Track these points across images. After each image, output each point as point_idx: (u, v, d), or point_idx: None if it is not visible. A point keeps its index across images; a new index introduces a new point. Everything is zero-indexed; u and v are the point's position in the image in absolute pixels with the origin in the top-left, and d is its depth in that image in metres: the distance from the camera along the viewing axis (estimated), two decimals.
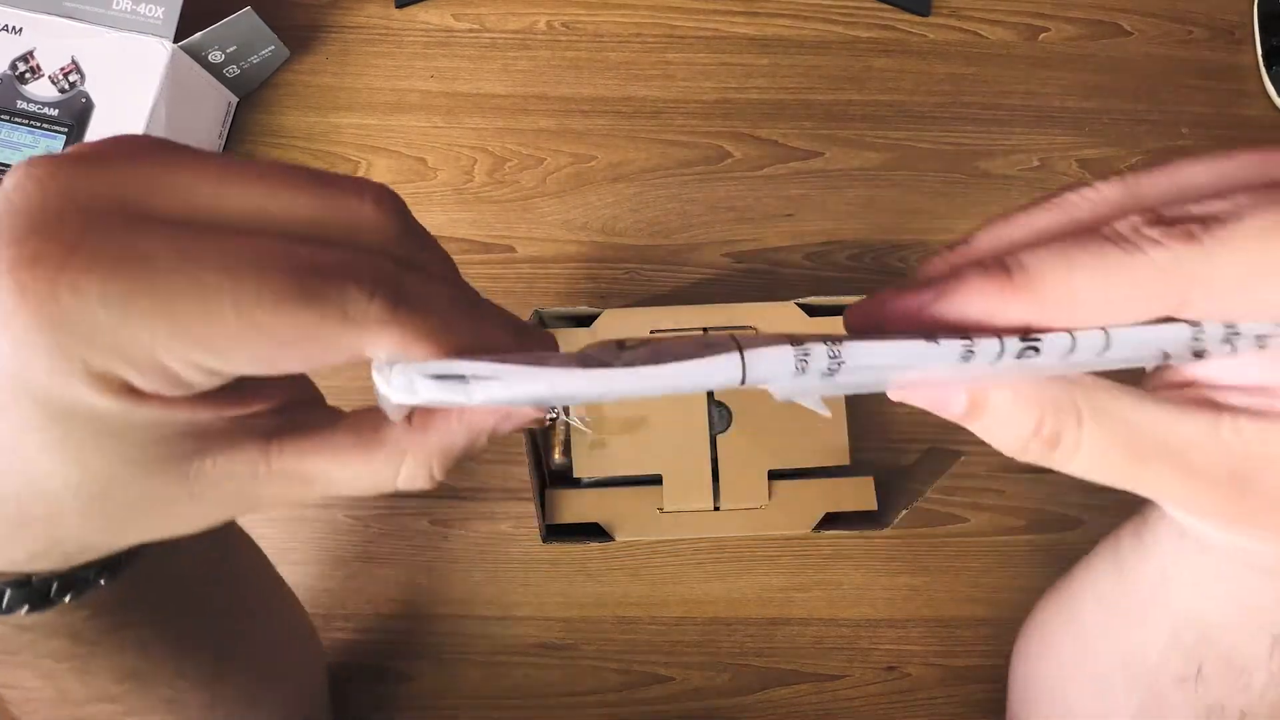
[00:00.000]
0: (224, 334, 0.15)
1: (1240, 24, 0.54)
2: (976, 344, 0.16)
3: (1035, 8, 0.54)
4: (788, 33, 0.53)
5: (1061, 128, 0.52)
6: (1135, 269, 0.15)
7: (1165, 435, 0.17)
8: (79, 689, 0.25)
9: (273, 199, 0.16)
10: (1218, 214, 0.15)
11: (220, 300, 0.14)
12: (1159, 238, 0.15)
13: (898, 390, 0.18)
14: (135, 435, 0.16)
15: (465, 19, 0.52)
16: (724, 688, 0.46)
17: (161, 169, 0.16)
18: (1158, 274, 0.15)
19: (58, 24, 0.43)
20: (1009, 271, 0.16)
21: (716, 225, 0.51)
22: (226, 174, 0.16)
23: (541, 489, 0.42)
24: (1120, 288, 0.15)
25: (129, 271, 0.14)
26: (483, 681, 0.46)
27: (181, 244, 0.15)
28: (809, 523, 0.42)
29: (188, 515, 0.19)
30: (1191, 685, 0.30)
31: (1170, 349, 0.16)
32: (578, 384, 0.16)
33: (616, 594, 0.47)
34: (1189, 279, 0.15)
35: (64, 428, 0.16)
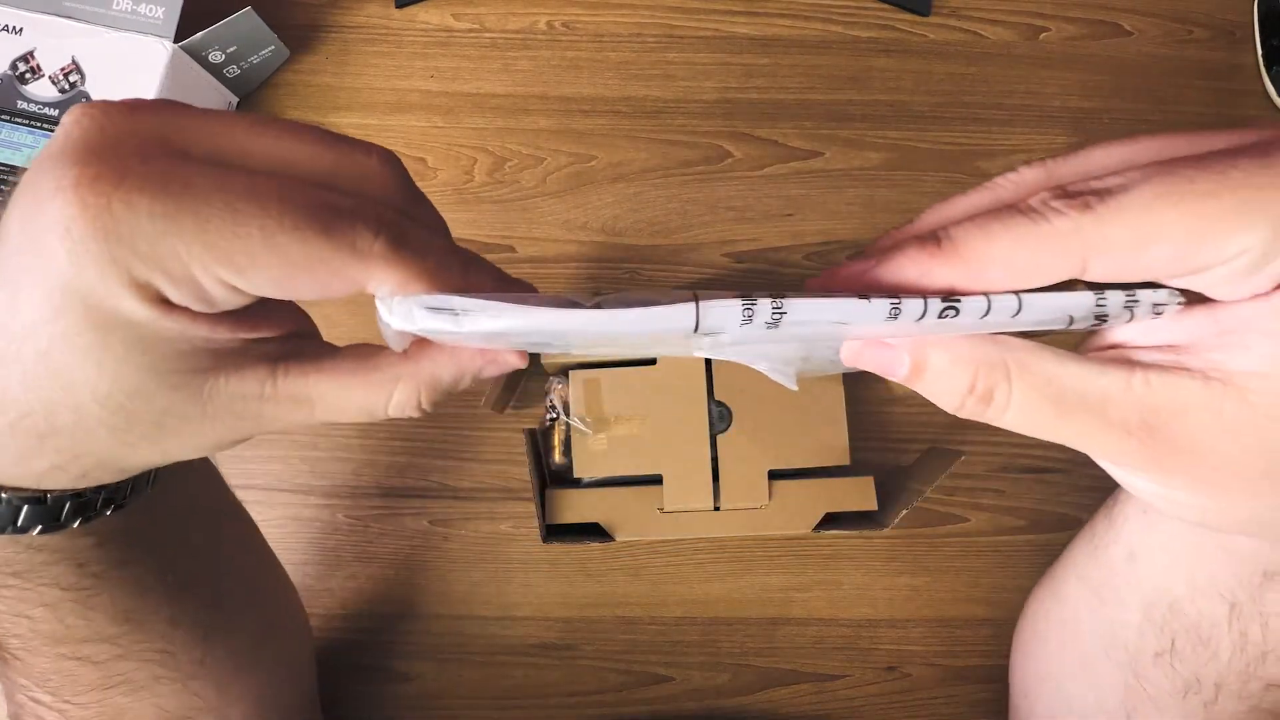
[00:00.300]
0: (249, 254, 0.17)
1: (1240, 24, 0.54)
2: (903, 303, 0.18)
3: (1035, 8, 0.54)
4: (788, 33, 0.53)
5: (1061, 128, 0.52)
6: (1040, 236, 0.18)
7: (1086, 389, 0.19)
8: (80, 625, 0.26)
9: (294, 150, 0.19)
10: (1111, 188, 0.18)
11: (249, 224, 0.17)
12: (1061, 208, 0.18)
13: (849, 355, 0.21)
14: (162, 348, 0.18)
15: (465, 19, 0.52)
16: (724, 688, 0.46)
17: (200, 119, 0.18)
18: (1059, 239, 0.18)
19: (58, 24, 0.43)
20: (938, 241, 0.19)
21: (716, 225, 0.51)
22: (254, 127, 0.19)
23: (542, 489, 0.42)
24: (1028, 252, 0.18)
25: (174, 193, 0.17)
26: (482, 681, 0.46)
27: (218, 176, 0.17)
28: (809, 523, 0.42)
29: (201, 433, 0.21)
30: (1167, 660, 0.31)
31: (1076, 314, 0.19)
32: (555, 319, 0.19)
33: (616, 594, 0.47)
34: (1086, 243, 0.17)
35: (103, 336, 0.18)
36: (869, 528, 0.43)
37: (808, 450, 0.42)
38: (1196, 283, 0.18)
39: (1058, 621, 0.38)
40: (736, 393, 0.43)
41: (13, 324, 0.18)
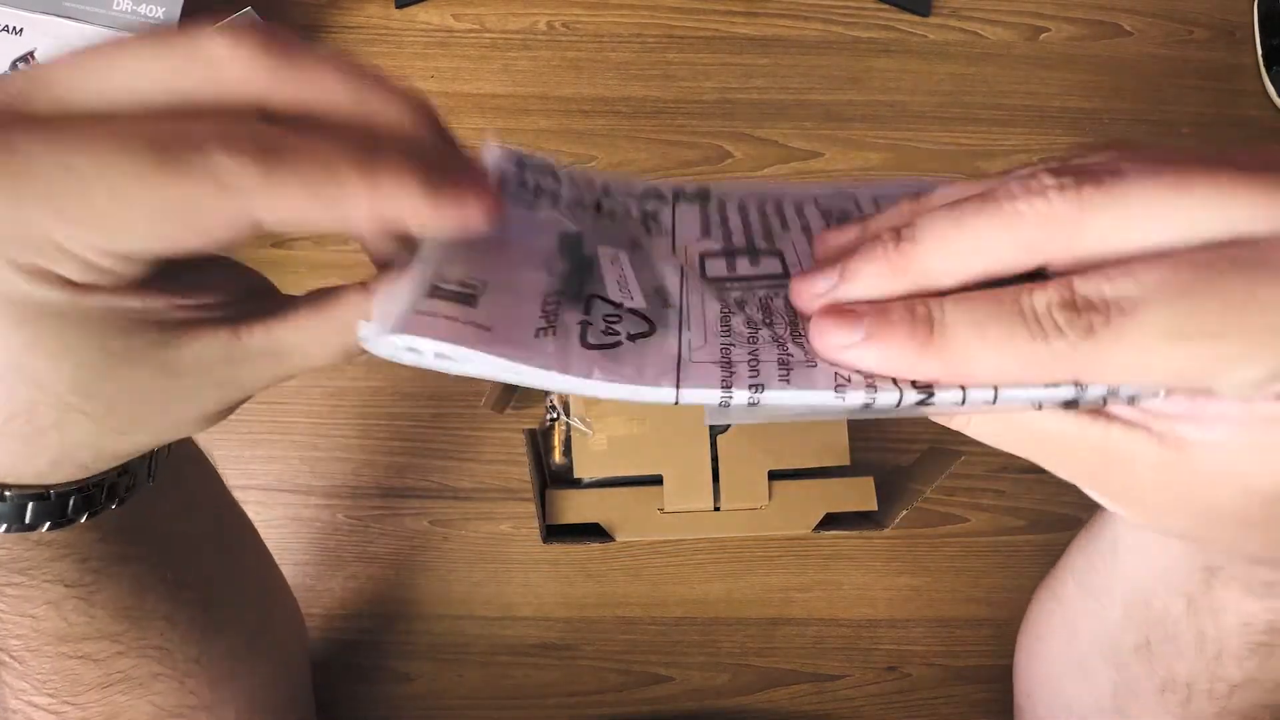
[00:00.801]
0: (104, 213, 0.15)
1: (1240, 24, 0.54)
2: (878, 397, 0.18)
3: (1035, 8, 0.54)
4: (788, 33, 0.53)
5: (1061, 128, 0.52)
6: (1036, 353, 0.17)
7: (1036, 427, 0.20)
8: (82, 622, 0.26)
9: (140, 76, 0.17)
10: (1123, 302, 0.17)
11: (89, 181, 0.15)
12: (1063, 326, 0.17)
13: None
14: (99, 326, 0.17)
15: (465, 19, 0.52)
16: (724, 688, 0.46)
17: (43, 72, 0.17)
18: (1055, 360, 0.17)
19: (58, 24, 0.43)
20: (929, 330, 0.18)
21: None
22: (96, 61, 0.17)
23: (542, 489, 0.42)
24: (1020, 365, 0.18)
25: (7, 166, 0.15)
26: (482, 681, 0.46)
27: (50, 135, 0.15)
28: (809, 523, 0.42)
29: (184, 407, 0.20)
30: (1146, 657, 0.31)
31: (1046, 402, 0.19)
32: (540, 379, 0.18)
33: (617, 594, 0.47)
34: (1082, 366, 0.17)
35: (33, 325, 0.17)
36: (869, 528, 0.43)
37: (808, 450, 0.42)
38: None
39: (1059, 622, 0.38)
40: None
41: None
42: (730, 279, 0.23)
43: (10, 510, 0.22)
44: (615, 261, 0.23)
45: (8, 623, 0.26)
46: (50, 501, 0.22)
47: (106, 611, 0.27)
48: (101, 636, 0.27)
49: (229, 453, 0.48)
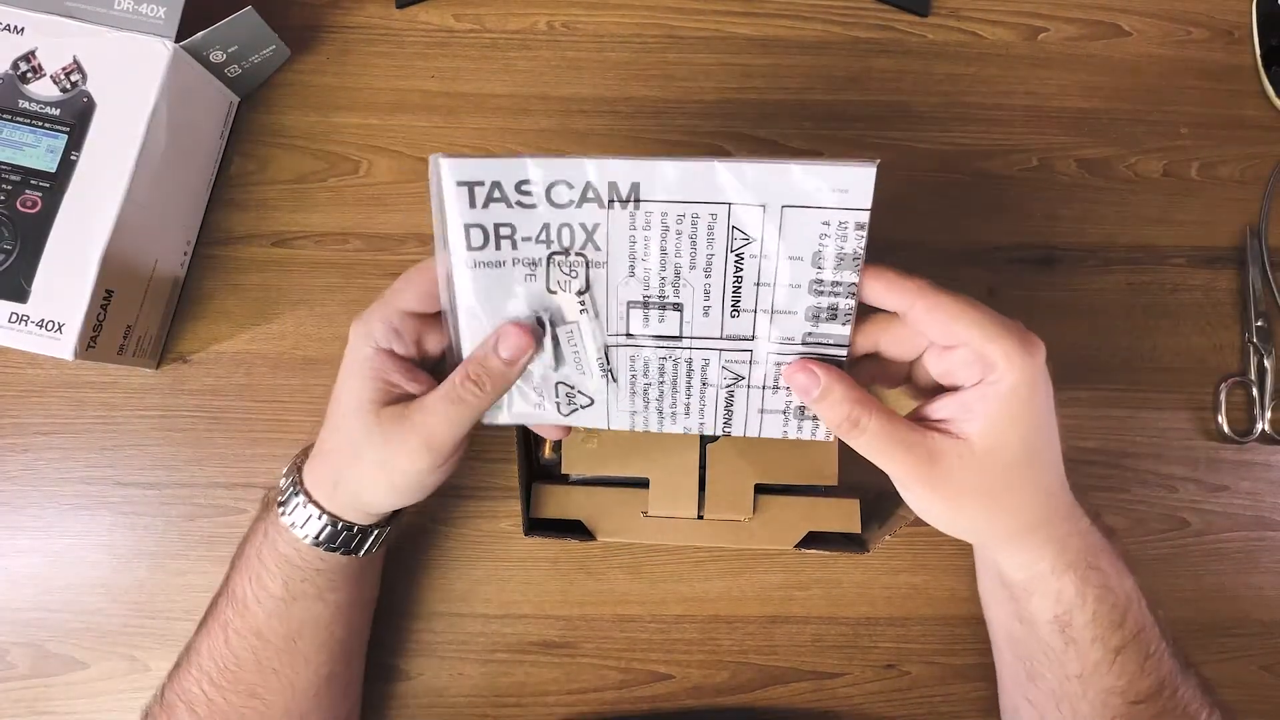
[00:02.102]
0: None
1: (1239, 24, 0.54)
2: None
3: (1035, 8, 0.54)
4: (788, 33, 0.53)
5: (1061, 128, 0.52)
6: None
7: (905, 435, 0.31)
8: (286, 615, 0.38)
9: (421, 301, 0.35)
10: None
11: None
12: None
13: (786, 372, 0.33)
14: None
15: (465, 19, 0.53)
16: (723, 686, 0.46)
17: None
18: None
19: (59, 23, 0.43)
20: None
21: None
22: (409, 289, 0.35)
23: (528, 482, 0.42)
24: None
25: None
26: (482, 680, 0.46)
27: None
28: (791, 539, 0.42)
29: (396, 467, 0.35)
30: (1034, 680, 0.38)
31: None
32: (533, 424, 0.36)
33: (616, 592, 0.47)
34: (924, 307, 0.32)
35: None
36: (852, 549, 0.43)
37: (796, 468, 0.42)
38: (951, 375, 0.32)
39: (1003, 688, 0.44)
40: None
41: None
42: (644, 337, 0.33)
43: (328, 534, 0.36)
44: (570, 346, 0.33)
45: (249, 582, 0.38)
46: (350, 533, 0.37)
47: (306, 621, 0.38)
48: (286, 636, 0.38)
49: (229, 452, 0.48)
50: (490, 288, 0.32)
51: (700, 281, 0.32)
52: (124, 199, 0.42)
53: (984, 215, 0.51)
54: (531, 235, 0.31)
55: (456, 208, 0.31)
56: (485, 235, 0.31)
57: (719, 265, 0.31)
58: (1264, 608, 0.48)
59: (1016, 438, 0.31)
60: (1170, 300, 0.51)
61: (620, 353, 0.33)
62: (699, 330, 0.33)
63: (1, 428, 0.48)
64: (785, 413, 0.34)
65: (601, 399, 0.34)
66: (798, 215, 0.30)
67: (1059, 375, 0.49)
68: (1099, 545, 0.35)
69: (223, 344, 0.49)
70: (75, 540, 0.47)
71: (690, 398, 0.34)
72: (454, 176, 0.30)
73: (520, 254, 0.32)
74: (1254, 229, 0.51)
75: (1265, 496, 0.49)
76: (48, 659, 0.46)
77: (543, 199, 0.31)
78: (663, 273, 0.32)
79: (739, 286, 0.32)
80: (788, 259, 0.31)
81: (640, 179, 0.30)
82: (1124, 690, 0.35)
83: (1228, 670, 0.47)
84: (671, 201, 0.31)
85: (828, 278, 0.31)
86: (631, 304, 0.32)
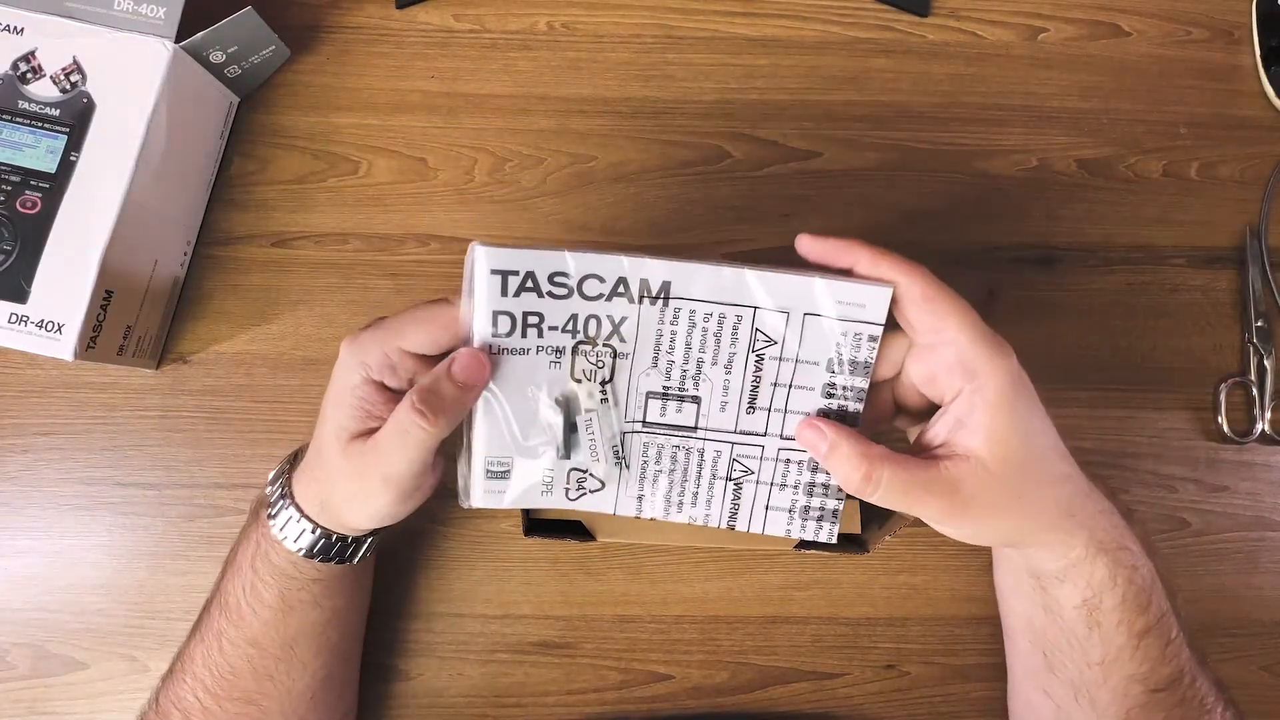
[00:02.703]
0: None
1: (1239, 24, 0.54)
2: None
3: (1034, 8, 0.54)
4: (787, 33, 0.53)
5: (1060, 128, 0.52)
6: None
7: (921, 476, 0.31)
8: (281, 624, 0.37)
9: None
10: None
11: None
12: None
13: (796, 429, 0.34)
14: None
15: (465, 19, 0.53)
16: (723, 686, 0.46)
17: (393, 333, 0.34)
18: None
19: (59, 24, 0.44)
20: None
21: (716, 225, 0.51)
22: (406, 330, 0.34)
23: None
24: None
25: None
26: (482, 680, 0.46)
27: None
28: (790, 540, 0.42)
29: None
30: (1051, 670, 0.38)
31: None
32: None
33: (616, 592, 0.47)
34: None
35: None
36: (851, 550, 0.43)
37: None
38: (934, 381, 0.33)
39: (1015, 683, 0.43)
40: None
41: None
42: (659, 425, 0.34)
43: (322, 546, 0.36)
44: (587, 432, 0.34)
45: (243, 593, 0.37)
46: (343, 544, 0.37)
47: (300, 629, 0.38)
48: (281, 645, 0.38)
49: (229, 452, 0.48)
50: (511, 374, 0.33)
51: (720, 377, 0.33)
52: (124, 199, 0.42)
53: (984, 215, 0.51)
54: (559, 325, 0.32)
55: (487, 295, 0.31)
56: (513, 323, 0.32)
57: (739, 363, 0.33)
58: (1264, 608, 0.48)
59: (1019, 439, 0.32)
60: (1170, 300, 0.51)
61: (634, 440, 0.34)
62: (714, 424, 0.34)
63: (1, 428, 0.48)
64: (790, 510, 0.35)
65: (612, 484, 0.35)
66: (818, 324, 0.33)
67: (1059, 375, 0.49)
68: (1122, 526, 0.35)
69: (222, 344, 0.49)
70: (75, 541, 0.47)
71: (699, 488, 0.35)
72: (489, 265, 0.31)
73: (545, 342, 0.32)
74: (1254, 229, 0.51)
75: (1265, 497, 0.49)
76: (47, 659, 0.46)
77: (575, 291, 0.32)
78: (685, 366, 0.33)
79: (757, 385, 0.33)
80: (806, 363, 0.33)
81: (673, 279, 0.32)
82: (1145, 677, 0.35)
83: (1228, 670, 0.47)
84: (701, 301, 0.32)
85: (840, 382, 0.33)
86: (651, 394, 0.34)
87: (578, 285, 0.32)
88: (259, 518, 0.38)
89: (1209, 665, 0.37)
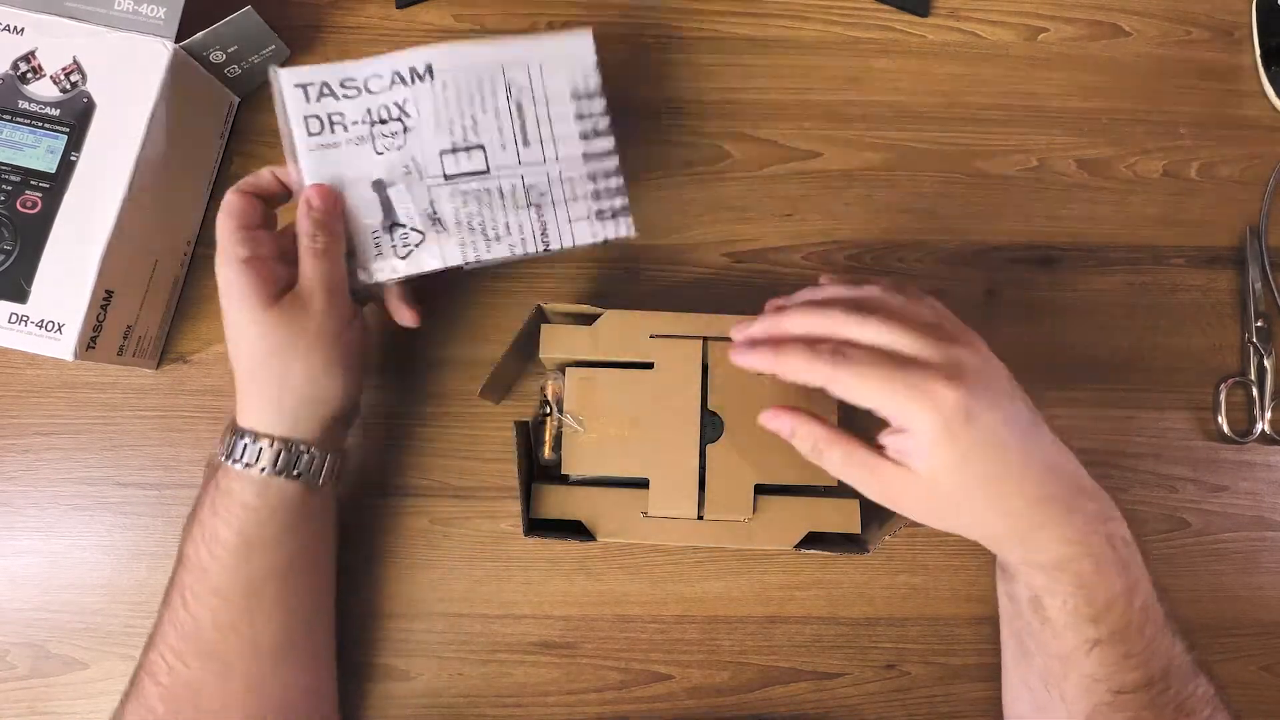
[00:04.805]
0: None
1: (1239, 24, 0.54)
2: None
3: (1034, 8, 0.54)
4: (787, 33, 0.53)
5: (1060, 128, 0.52)
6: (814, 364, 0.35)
7: (868, 462, 0.35)
8: (244, 567, 0.38)
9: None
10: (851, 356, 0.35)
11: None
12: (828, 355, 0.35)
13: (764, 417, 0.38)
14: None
15: (465, 20, 0.53)
16: (723, 686, 0.46)
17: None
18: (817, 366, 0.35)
19: (59, 24, 0.44)
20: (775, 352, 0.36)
21: (716, 225, 0.51)
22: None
23: (528, 483, 0.42)
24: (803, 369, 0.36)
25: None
26: (482, 680, 0.46)
27: None
28: (791, 540, 0.42)
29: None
30: (1028, 659, 0.39)
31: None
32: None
33: (616, 592, 0.47)
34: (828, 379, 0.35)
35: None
36: (852, 550, 0.43)
37: (797, 467, 0.41)
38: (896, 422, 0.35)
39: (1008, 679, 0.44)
40: (730, 404, 0.43)
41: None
42: (456, 175, 0.41)
43: (283, 459, 0.38)
44: (400, 199, 0.41)
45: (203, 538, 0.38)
46: (307, 455, 0.39)
47: (262, 566, 0.38)
48: (243, 594, 0.38)
49: None
50: (330, 164, 0.40)
51: (493, 124, 0.41)
52: (124, 199, 0.42)
53: (984, 215, 0.51)
54: (358, 119, 0.41)
55: (294, 105, 0.40)
56: (320, 123, 0.40)
57: (504, 110, 0.41)
58: (1264, 608, 0.48)
59: (951, 476, 0.34)
60: (1170, 300, 0.51)
61: (441, 193, 0.41)
62: (501, 161, 0.41)
63: (1, 428, 0.48)
64: (589, 219, 0.42)
65: (433, 237, 0.41)
66: (553, 69, 0.42)
67: (1059, 375, 0.50)
68: (1083, 553, 0.35)
69: (222, 344, 0.48)
70: (75, 541, 0.47)
71: (508, 218, 0.42)
72: (291, 80, 0.40)
73: (350, 135, 0.41)
74: (1254, 229, 0.51)
75: (1265, 496, 0.49)
76: (48, 659, 0.46)
77: (363, 89, 0.40)
78: (463, 121, 0.41)
79: (524, 124, 0.41)
80: (554, 100, 0.42)
81: (434, 60, 0.40)
82: (1105, 679, 0.36)
83: (1228, 670, 0.47)
84: (460, 69, 0.41)
85: (584, 109, 0.42)
86: (443, 152, 0.41)
87: (364, 85, 0.40)
88: (214, 469, 0.39)
89: (1207, 677, 0.37)
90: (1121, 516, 0.37)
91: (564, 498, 0.43)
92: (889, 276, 0.50)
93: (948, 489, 0.34)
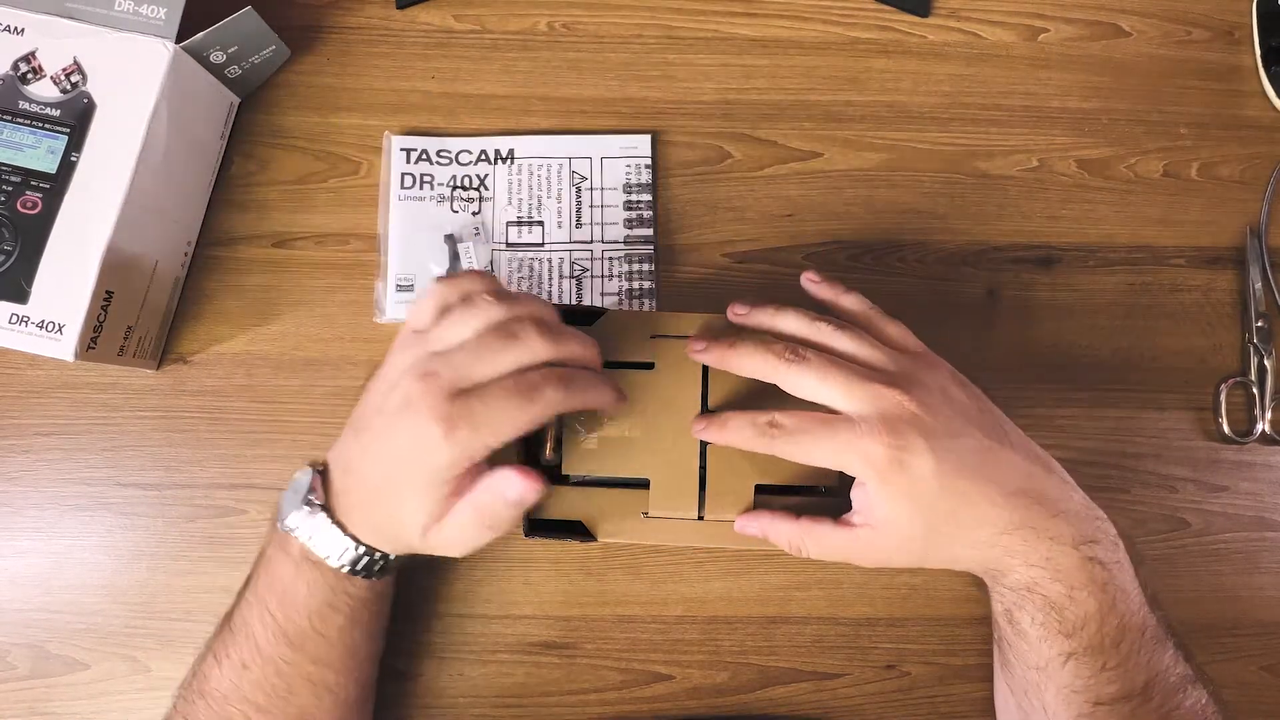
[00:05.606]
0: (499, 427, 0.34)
1: (1239, 24, 0.54)
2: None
3: (1035, 8, 0.54)
4: (788, 33, 0.53)
5: (1060, 128, 0.52)
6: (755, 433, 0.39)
7: (839, 540, 0.38)
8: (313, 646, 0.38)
9: (501, 364, 0.35)
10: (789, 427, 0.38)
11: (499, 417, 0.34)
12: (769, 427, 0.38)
13: (739, 526, 0.41)
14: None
15: (466, 20, 0.53)
16: (723, 686, 0.47)
17: (460, 368, 0.34)
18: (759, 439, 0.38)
19: (60, 24, 0.44)
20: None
21: (716, 225, 0.51)
22: (486, 358, 0.34)
23: None
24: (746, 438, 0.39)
25: (471, 419, 0.33)
26: (483, 680, 0.46)
27: (478, 397, 0.33)
28: None
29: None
30: (1010, 670, 0.40)
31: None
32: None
33: (616, 592, 0.47)
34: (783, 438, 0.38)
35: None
36: None
37: (797, 468, 0.41)
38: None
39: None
40: (731, 405, 0.43)
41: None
42: (517, 244, 0.49)
43: (366, 564, 0.37)
44: (466, 253, 0.49)
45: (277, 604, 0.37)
46: (382, 561, 0.38)
47: (311, 647, 0.38)
48: (304, 661, 0.37)
49: (229, 452, 0.48)
50: (413, 216, 0.49)
51: (555, 206, 0.50)
52: (124, 200, 0.42)
53: (984, 215, 0.51)
54: (444, 182, 0.50)
55: (397, 163, 0.50)
56: (414, 180, 0.50)
57: (565, 195, 0.50)
58: (1264, 608, 0.48)
59: (905, 520, 0.36)
60: (1170, 300, 0.51)
61: (501, 258, 0.49)
62: (555, 239, 0.49)
63: (1, 428, 0.48)
64: (619, 295, 0.49)
65: None
66: (612, 163, 0.50)
67: (1059, 375, 0.49)
68: (1051, 578, 0.36)
69: (223, 345, 0.49)
70: (75, 541, 0.47)
71: (551, 286, 0.49)
72: (398, 145, 0.50)
73: (435, 193, 0.49)
74: (1254, 229, 0.51)
75: (1265, 497, 0.49)
76: (48, 660, 0.46)
77: (454, 160, 0.50)
78: (529, 201, 0.50)
79: (579, 208, 0.49)
80: (608, 189, 0.50)
81: (515, 147, 0.50)
82: (1084, 690, 0.36)
83: (1228, 670, 0.47)
84: (534, 158, 0.50)
85: (634, 197, 0.50)
86: (509, 223, 0.49)
87: (455, 156, 0.50)
88: (284, 536, 0.37)
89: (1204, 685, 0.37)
90: (1106, 533, 0.37)
91: (564, 498, 0.43)
92: (888, 277, 0.50)
93: (911, 533, 0.36)
